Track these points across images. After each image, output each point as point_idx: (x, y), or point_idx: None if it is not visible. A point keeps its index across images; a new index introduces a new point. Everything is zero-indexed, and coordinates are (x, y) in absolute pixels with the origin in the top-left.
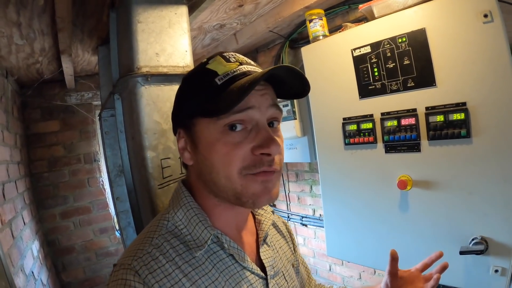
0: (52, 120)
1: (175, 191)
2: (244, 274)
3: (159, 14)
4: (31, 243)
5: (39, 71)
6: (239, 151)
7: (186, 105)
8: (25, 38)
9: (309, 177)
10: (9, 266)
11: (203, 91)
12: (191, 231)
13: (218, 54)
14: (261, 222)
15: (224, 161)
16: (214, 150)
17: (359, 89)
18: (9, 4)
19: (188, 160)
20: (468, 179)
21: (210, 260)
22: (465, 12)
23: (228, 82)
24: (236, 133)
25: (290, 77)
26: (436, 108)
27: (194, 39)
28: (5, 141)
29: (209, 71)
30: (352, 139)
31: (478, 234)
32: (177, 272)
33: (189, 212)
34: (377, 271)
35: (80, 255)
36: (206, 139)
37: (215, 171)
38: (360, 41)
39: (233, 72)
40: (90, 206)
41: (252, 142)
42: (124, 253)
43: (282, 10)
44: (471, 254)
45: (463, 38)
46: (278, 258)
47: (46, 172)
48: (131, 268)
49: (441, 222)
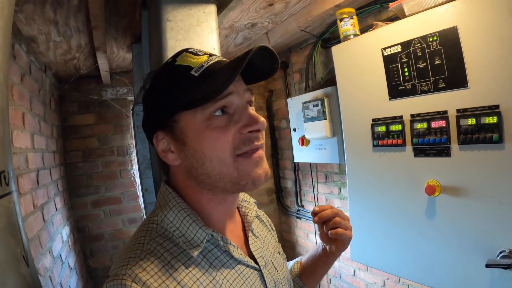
0: (88, 113)
1: (160, 194)
2: (240, 269)
3: (187, 13)
4: (61, 228)
5: (76, 67)
6: (228, 133)
7: (163, 104)
8: (62, 35)
9: (338, 179)
10: (38, 247)
11: (181, 85)
12: (184, 232)
13: (183, 51)
14: (246, 214)
15: (216, 146)
16: (204, 138)
17: (389, 89)
18: (46, 4)
19: (174, 160)
20: (498, 187)
21: (206, 259)
22: (498, 8)
23: (204, 72)
24: (221, 117)
25: (261, 59)
26: (468, 110)
27: (226, 38)
28: (41, 131)
29: (180, 67)
30: (380, 141)
31: (507, 247)
32: (175, 275)
33: (180, 213)
34: (401, 279)
35: (109, 243)
36: (194, 130)
37: (208, 160)
38: (390, 40)
39: (207, 63)
40: (121, 197)
41: (238, 123)
42: (114, 264)
43: (312, 9)
44: (498, 268)
45: (497, 36)
46: (265, 248)
47: (80, 162)
48: (126, 278)
49: (468, 231)
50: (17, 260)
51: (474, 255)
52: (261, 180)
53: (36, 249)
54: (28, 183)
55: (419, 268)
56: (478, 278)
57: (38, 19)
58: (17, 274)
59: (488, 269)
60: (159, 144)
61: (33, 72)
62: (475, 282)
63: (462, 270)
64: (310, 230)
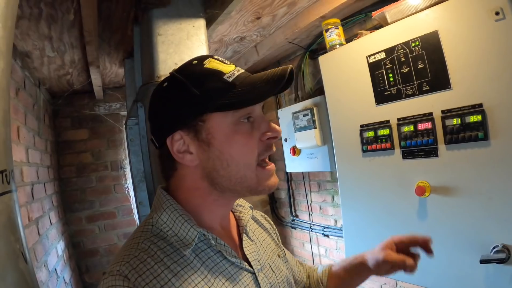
0: (81, 128)
1: (156, 197)
2: (233, 270)
3: (177, 27)
4: (56, 243)
5: (69, 82)
6: (253, 140)
7: (192, 103)
8: (56, 50)
9: (331, 187)
10: (33, 260)
11: (217, 87)
12: (177, 231)
13: (209, 56)
14: (240, 218)
15: (244, 151)
16: (234, 141)
17: (375, 95)
18: (41, 20)
19: (191, 161)
20: (487, 184)
21: (199, 258)
22: (476, 11)
23: (236, 79)
24: (247, 124)
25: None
26: (452, 111)
27: (216, 52)
28: (36, 145)
29: (213, 70)
30: (369, 146)
31: (500, 242)
32: (166, 273)
33: (173, 213)
34: (398, 282)
35: (104, 258)
36: (223, 132)
37: (235, 163)
38: (374, 47)
39: (237, 71)
40: (115, 212)
41: (259, 130)
42: (112, 261)
43: (299, 21)
44: (492, 263)
45: (476, 37)
46: (262, 251)
47: (74, 177)
48: (120, 273)
49: (461, 229)
50: (16, 255)
51: (468, 252)
52: (274, 187)
53: (32, 262)
54: (23, 196)
55: None
56: (473, 274)
57: (33, 35)
58: (16, 269)
59: (482, 265)
60: (175, 145)
61: (28, 87)
62: (471, 279)
63: (457, 268)
64: (305, 239)
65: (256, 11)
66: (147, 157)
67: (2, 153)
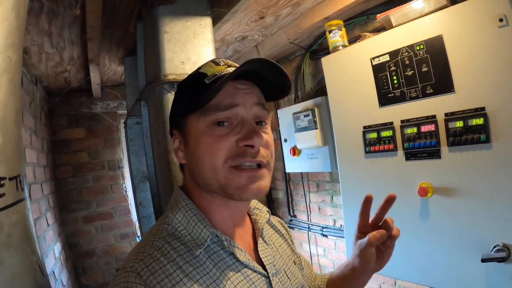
0: (78, 127)
1: (173, 196)
2: (246, 273)
3: (184, 25)
4: (53, 244)
5: (66, 80)
6: (224, 142)
7: (178, 104)
8: (55, 47)
9: (330, 187)
10: None
11: (193, 90)
12: (190, 231)
13: (211, 61)
14: (256, 221)
15: (210, 151)
16: (201, 142)
17: (379, 97)
18: (41, 14)
19: (182, 158)
20: (489, 185)
21: (211, 259)
22: (480, 17)
23: (215, 81)
24: (222, 127)
25: (270, 73)
26: (455, 114)
27: (217, 51)
28: (32, 144)
29: (200, 74)
30: (372, 147)
31: (500, 241)
32: (178, 272)
33: (187, 213)
34: (397, 281)
35: (101, 259)
36: (195, 133)
37: (201, 162)
38: (378, 50)
39: (220, 73)
40: (113, 212)
41: (237, 135)
42: (126, 258)
43: (302, 21)
44: (493, 262)
45: (480, 43)
46: (278, 256)
47: (70, 177)
48: (133, 270)
49: (462, 229)
50: (34, 270)
51: (469, 251)
52: (249, 195)
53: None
54: None
55: (416, 269)
56: (474, 273)
57: (33, 30)
58: (35, 284)
59: (483, 264)
60: (174, 142)
61: (25, 85)
62: (472, 278)
63: (459, 267)
64: (303, 240)
65: (260, 11)
66: (151, 158)
67: (16, 157)
